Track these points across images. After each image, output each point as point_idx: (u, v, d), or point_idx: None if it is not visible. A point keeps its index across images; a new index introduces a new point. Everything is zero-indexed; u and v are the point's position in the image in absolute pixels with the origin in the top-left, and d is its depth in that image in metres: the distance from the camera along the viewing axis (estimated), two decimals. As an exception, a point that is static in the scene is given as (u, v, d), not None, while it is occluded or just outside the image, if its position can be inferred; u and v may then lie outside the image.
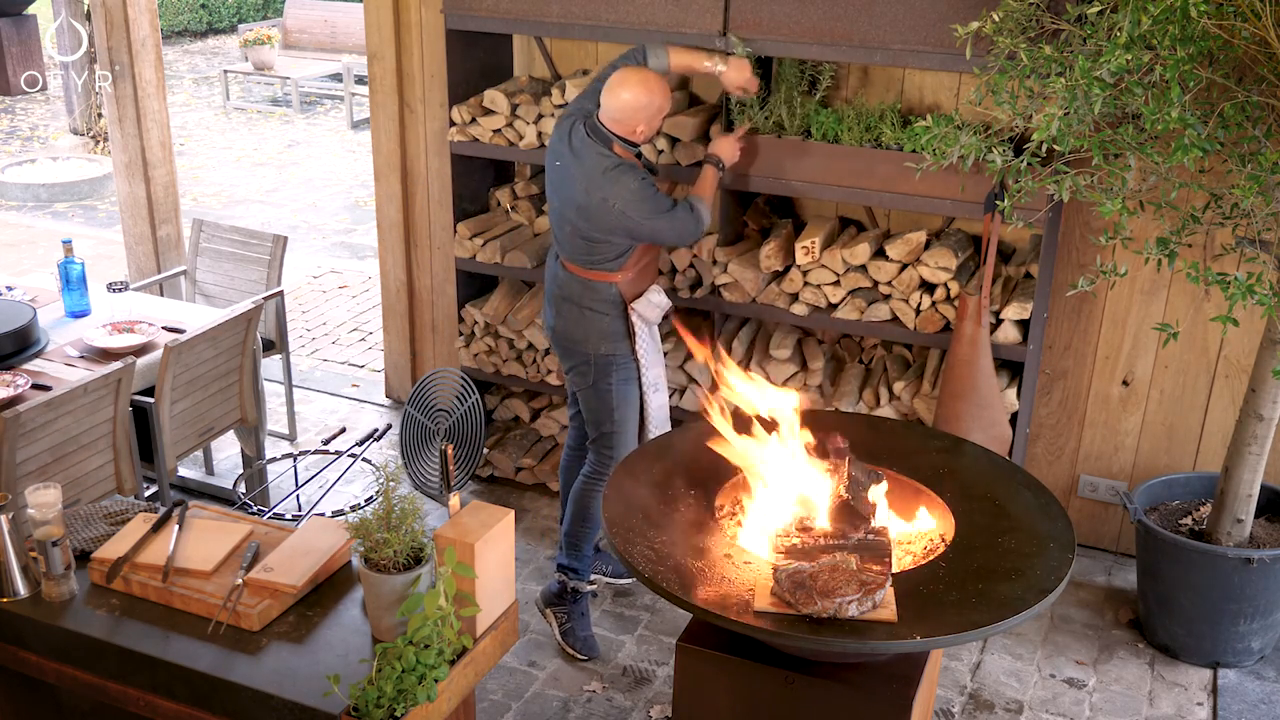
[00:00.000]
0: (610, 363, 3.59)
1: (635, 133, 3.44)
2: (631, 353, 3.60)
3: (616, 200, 3.38)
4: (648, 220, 3.42)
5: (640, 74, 3.41)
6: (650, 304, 3.60)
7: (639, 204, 3.39)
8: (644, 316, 3.59)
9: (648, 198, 3.40)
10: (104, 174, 8.73)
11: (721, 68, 3.59)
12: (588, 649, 3.70)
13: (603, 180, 3.38)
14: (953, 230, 3.99)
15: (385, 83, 4.79)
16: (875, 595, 2.38)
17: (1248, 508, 3.58)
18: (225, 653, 2.32)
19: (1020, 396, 3.80)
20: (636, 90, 3.37)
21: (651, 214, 3.41)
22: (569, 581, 3.73)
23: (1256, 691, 3.62)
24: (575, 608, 3.74)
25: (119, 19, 5.16)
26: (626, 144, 3.45)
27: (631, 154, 3.48)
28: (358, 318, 6.60)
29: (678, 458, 3.02)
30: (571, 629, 3.72)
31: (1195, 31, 2.70)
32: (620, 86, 3.39)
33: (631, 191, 3.38)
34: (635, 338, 3.58)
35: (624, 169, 3.40)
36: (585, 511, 3.70)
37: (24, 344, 3.85)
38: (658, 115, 3.45)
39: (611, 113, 3.41)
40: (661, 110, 3.44)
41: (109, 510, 2.75)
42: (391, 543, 2.27)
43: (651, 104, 3.39)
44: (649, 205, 3.40)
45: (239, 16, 15.46)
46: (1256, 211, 3.02)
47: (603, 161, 3.40)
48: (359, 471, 4.59)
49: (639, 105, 3.38)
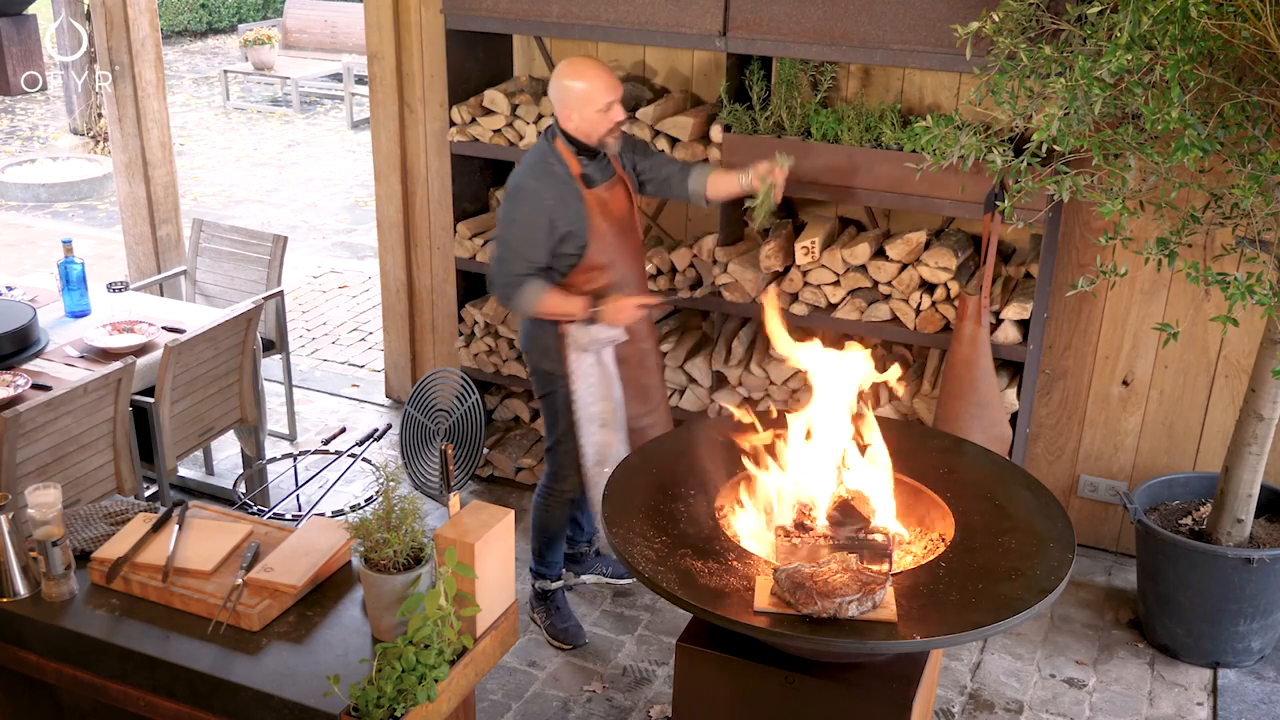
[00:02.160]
0: (551, 380, 3.48)
1: (568, 120, 3.24)
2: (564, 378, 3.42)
3: (506, 191, 3.34)
4: (500, 222, 3.31)
5: (580, 59, 3.29)
6: (584, 330, 3.33)
7: (505, 202, 3.30)
8: (576, 341, 3.34)
9: (511, 202, 3.27)
10: (104, 174, 8.74)
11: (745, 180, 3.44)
12: (571, 638, 3.74)
13: (515, 171, 3.35)
14: (953, 230, 3.99)
15: (385, 83, 4.79)
16: (875, 595, 2.38)
17: (1248, 508, 3.58)
18: (225, 653, 2.32)
19: (1020, 396, 3.80)
20: (568, 72, 3.23)
21: (503, 218, 3.29)
22: (536, 583, 3.80)
23: (1256, 691, 3.62)
24: (550, 604, 3.80)
25: (119, 19, 5.16)
26: (569, 142, 3.29)
27: (572, 154, 3.29)
28: (358, 318, 6.60)
29: (678, 458, 3.02)
30: (552, 623, 3.78)
31: (1195, 31, 2.70)
32: (558, 74, 3.26)
33: (511, 188, 3.30)
34: (566, 363, 3.39)
35: (530, 166, 3.29)
36: (538, 522, 3.72)
37: (24, 344, 3.85)
38: (586, 104, 3.20)
39: (552, 99, 3.29)
40: (589, 99, 3.19)
41: (109, 510, 2.75)
42: (391, 543, 2.27)
43: (574, 88, 3.19)
44: (507, 209, 3.28)
45: (239, 16, 15.46)
46: (1256, 211, 3.02)
47: (530, 154, 3.35)
48: (359, 471, 4.59)
49: (565, 88, 3.22)
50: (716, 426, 3.11)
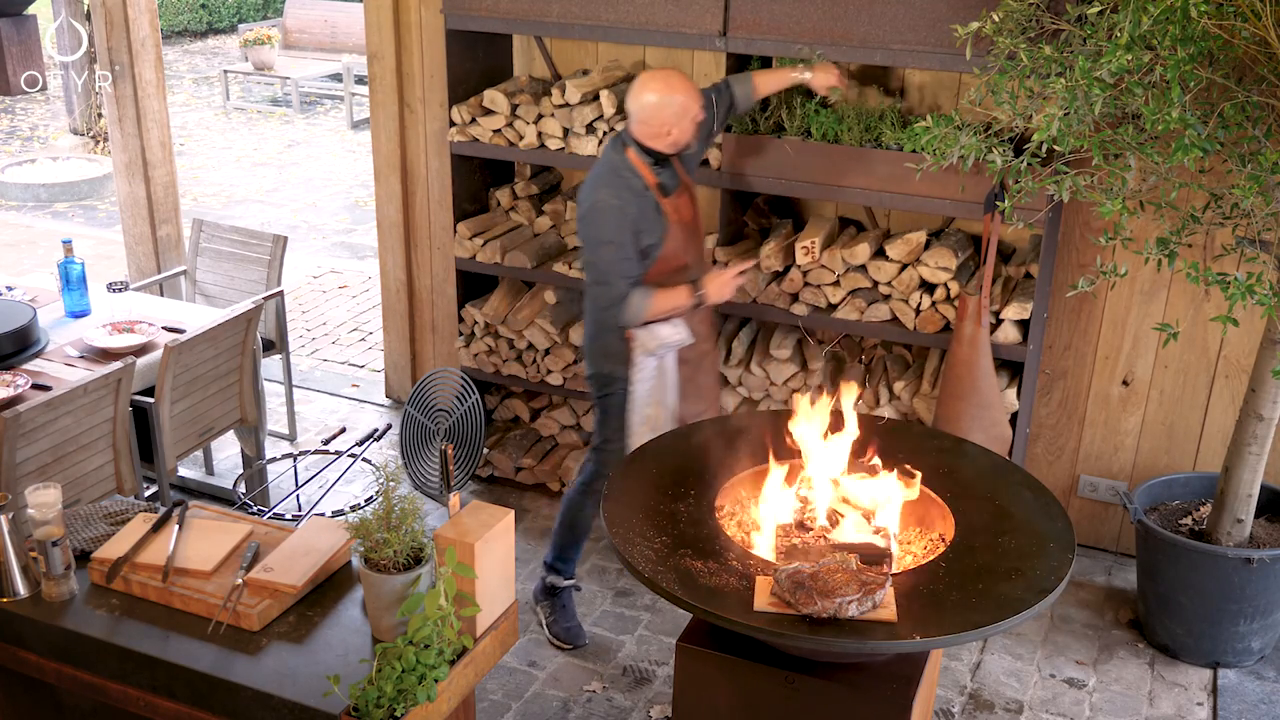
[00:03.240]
0: (610, 383, 3.51)
1: (665, 137, 3.29)
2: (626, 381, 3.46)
3: (581, 207, 3.33)
4: (586, 243, 3.32)
5: (662, 72, 3.33)
6: (653, 335, 3.38)
7: (586, 221, 3.30)
8: (644, 345, 3.39)
9: (595, 222, 3.27)
10: (104, 174, 8.74)
11: (808, 75, 3.59)
12: (571, 638, 3.75)
13: (587, 186, 3.34)
14: (953, 230, 3.99)
15: (385, 83, 4.79)
16: (875, 595, 2.38)
17: (1248, 508, 3.58)
18: (225, 653, 2.31)
19: (1020, 396, 3.80)
20: (659, 88, 3.26)
21: (589, 239, 3.31)
22: (547, 577, 3.79)
23: (1256, 691, 3.62)
24: (557, 601, 3.80)
25: (119, 19, 5.16)
26: (647, 153, 3.32)
27: (648, 165, 3.32)
28: (358, 318, 6.60)
29: (678, 458, 3.02)
30: (555, 620, 3.78)
31: (1195, 31, 2.70)
32: (642, 89, 3.28)
33: (589, 206, 3.29)
34: (632, 367, 3.43)
35: (605, 181, 3.30)
36: (570, 519, 3.71)
37: (24, 344, 3.85)
38: (684, 114, 3.28)
39: (638, 115, 3.29)
40: (687, 109, 3.28)
41: (109, 510, 2.75)
42: (391, 543, 2.27)
43: (674, 101, 3.25)
44: (592, 229, 3.29)
45: (239, 16, 15.46)
46: (1256, 211, 3.02)
47: (599, 167, 3.35)
48: (359, 471, 4.59)
49: (663, 104, 3.25)
50: (729, 421, 3.11)
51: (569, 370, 4.34)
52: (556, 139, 4.14)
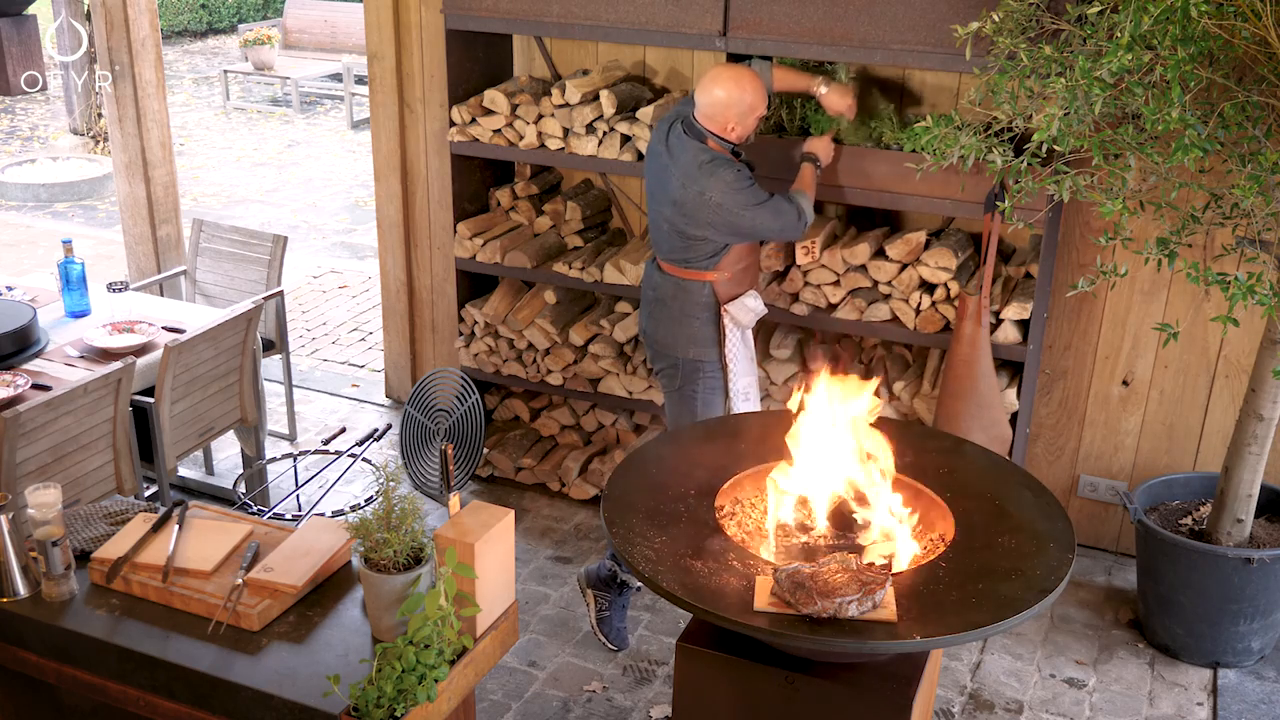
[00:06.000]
0: (697, 369, 3.59)
1: (727, 130, 3.42)
2: (720, 359, 3.59)
3: (713, 193, 3.39)
4: (746, 211, 3.40)
5: (734, 70, 3.42)
6: (745, 308, 3.57)
7: (735, 194, 3.38)
8: (737, 320, 3.56)
9: (744, 188, 3.39)
10: (104, 174, 8.74)
11: (824, 90, 3.63)
12: (618, 640, 3.72)
13: (698, 174, 3.39)
14: (953, 230, 3.99)
15: (385, 83, 4.79)
16: (875, 595, 2.38)
17: (1248, 508, 3.58)
18: (225, 653, 2.31)
19: (1020, 396, 3.80)
20: (729, 86, 3.38)
21: (749, 204, 3.40)
22: (620, 572, 3.67)
23: (1256, 691, 3.62)
24: (618, 599, 3.72)
25: (119, 19, 5.16)
26: (721, 141, 3.45)
27: (727, 150, 3.46)
28: (358, 318, 6.60)
29: (679, 458, 3.02)
30: (609, 618, 3.72)
31: (1196, 31, 2.70)
32: (713, 83, 3.40)
33: (727, 183, 3.38)
34: (725, 342, 3.57)
35: (720, 162, 3.40)
36: None
37: (24, 344, 3.85)
38: (750, 114, 3.42)
39: (704, 109, 3.42)
40: (754, 109, 3.41)
41: (109, 510, 2.75)
42: (391, 543, 2.27)
43: (743, 100, 3.38)
44: (745, 195, 3.39)
45: (239, 16, 15.46)
46: (1256, 211, 3.02)
47: (699, 156, 3.41)
48: (359, 471, 4.59)
49: (730, 102, 3.37)
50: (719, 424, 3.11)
51: (569, 370, 4.34)
52: (556, 139, 4.14)
